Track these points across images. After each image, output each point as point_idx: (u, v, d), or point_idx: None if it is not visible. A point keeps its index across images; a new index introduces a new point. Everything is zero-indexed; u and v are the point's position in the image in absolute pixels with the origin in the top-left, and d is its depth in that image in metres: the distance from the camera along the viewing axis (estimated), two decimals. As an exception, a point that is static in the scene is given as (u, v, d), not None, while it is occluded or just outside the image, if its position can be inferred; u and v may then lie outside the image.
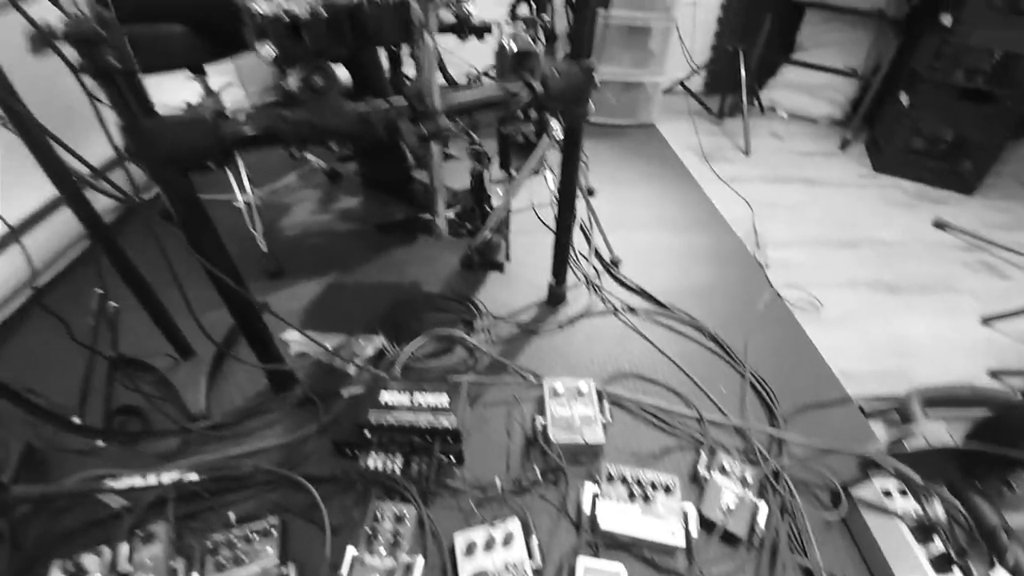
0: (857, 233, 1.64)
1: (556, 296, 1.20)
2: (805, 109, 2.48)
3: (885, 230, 1.67)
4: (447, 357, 1.08)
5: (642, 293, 1.26)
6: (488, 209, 1.35)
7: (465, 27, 0.87)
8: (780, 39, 2.49)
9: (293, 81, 0.71)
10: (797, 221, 1.68)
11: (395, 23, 0.74)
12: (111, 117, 0.63)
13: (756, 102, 2.55)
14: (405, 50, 1.60)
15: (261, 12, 0.65)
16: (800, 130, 2.39)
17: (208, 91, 1.16)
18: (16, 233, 1.24)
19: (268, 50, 0.70)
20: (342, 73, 0.72)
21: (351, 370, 1.06)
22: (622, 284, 1.30)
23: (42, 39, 0.56)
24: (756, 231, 1.58)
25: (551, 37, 0.93)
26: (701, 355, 1.12)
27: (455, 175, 1.65)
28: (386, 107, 0.72)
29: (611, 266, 1.34)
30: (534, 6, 0.98)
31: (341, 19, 0.70)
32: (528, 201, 1.64)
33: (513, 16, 0.93)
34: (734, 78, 2.29)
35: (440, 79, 0.76)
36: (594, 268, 1.34)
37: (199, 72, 1.14)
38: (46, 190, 0.78)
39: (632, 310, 1.21)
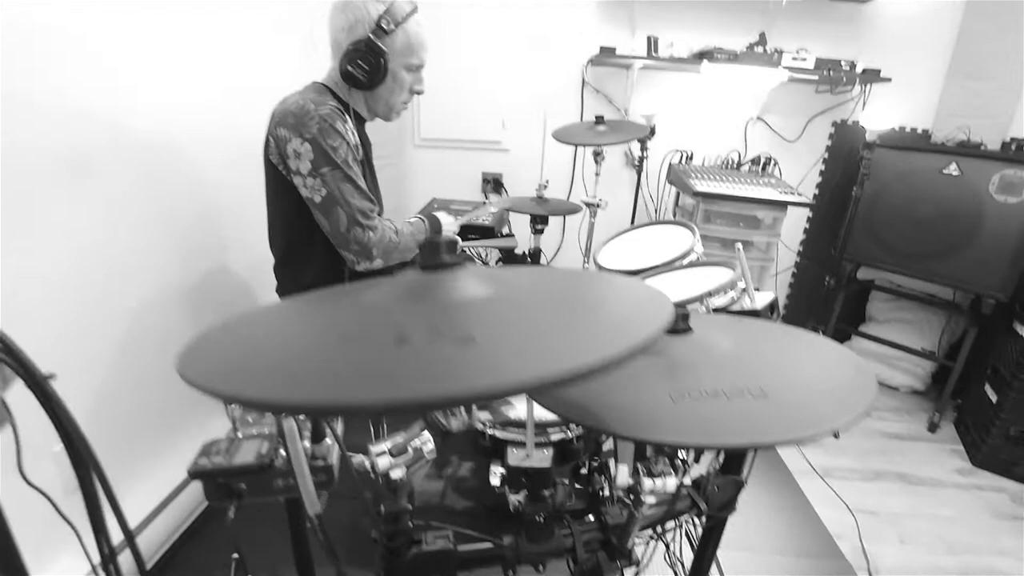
0: (971, 561, 1.59)
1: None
2: (884, 378, 2.58)
3: (1000, 558, 1.62)
4: None
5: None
6: None
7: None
8: (850, 309, 2.69)
9: (514, 501, 0.86)
10: (904, 541, 1.66)
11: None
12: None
13: (832, 364, 2.67)
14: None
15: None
16: (884, 401, 2.45)
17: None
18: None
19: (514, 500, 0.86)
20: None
21: None
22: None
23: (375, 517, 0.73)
24: (866, 555, 1.56)
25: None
26: None
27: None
28: (588, 538, 0.86)
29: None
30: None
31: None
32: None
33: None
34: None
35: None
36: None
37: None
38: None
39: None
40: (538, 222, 1.97)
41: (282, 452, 0.68)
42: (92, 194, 1.14)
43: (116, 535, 0.58)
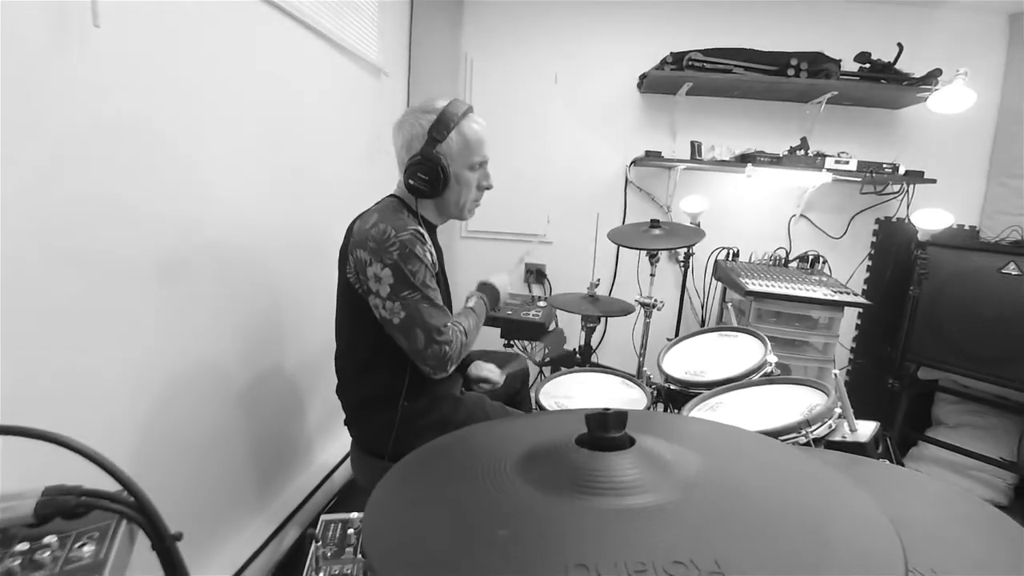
0: None
1: None
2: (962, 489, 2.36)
3: None
4: None
5: None
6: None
7: None
8: (913, 412, 2.53)
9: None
10: None
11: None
12: None
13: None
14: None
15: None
16: (963, 517, 2.23)
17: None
18: None
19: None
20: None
21: None
22: None
23: None
24: None
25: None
26: None
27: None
28: None
29: None
30: None
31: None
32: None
33: None
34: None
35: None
36: None
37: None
38: None
39: None
40: (589, 320, 1.96)
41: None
42: (175, 296, 1.16)
43: None
